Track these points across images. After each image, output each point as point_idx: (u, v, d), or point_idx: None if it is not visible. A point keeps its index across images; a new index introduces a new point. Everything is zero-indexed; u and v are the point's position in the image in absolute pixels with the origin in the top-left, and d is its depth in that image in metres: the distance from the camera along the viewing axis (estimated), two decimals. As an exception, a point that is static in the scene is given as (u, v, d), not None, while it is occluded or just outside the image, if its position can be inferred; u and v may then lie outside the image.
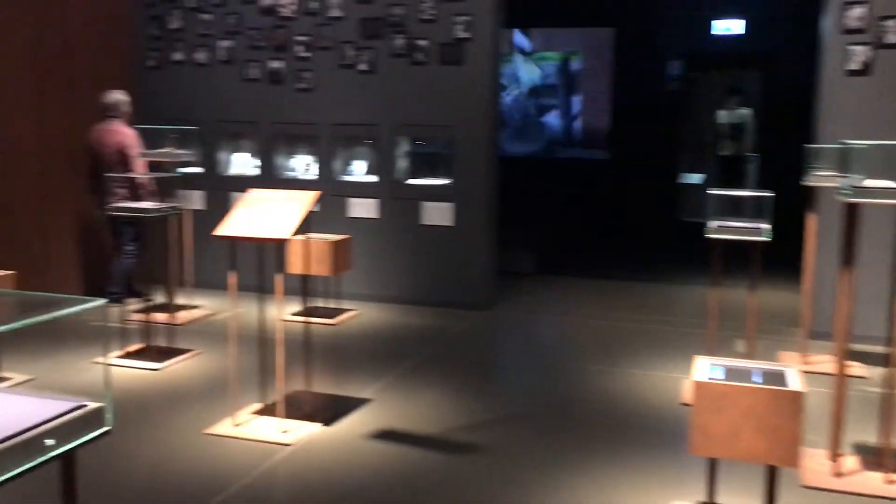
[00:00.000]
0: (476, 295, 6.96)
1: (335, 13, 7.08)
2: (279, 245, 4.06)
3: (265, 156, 7.50)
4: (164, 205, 5.53)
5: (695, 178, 11.44)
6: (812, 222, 5.51)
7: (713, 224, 4.72)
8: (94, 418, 1.61)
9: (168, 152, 6.28)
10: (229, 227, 4.04)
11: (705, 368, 2.99)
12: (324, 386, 4.94)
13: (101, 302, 1.71)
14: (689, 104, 11.77)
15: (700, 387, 2.83)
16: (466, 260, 6.95)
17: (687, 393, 4.66)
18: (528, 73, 12.55)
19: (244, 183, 7.43)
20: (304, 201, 4.12)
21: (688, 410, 3.28)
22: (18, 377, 4.94)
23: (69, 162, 6.87)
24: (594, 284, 8.21)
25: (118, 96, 6.59)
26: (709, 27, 11.27)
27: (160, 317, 6.02)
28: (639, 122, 11.39)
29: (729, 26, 11.12)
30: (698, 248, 5.84)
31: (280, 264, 4.06)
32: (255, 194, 4.27)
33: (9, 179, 6.44)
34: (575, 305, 7.38)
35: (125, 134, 6.50)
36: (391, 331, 6.40)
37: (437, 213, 6.99)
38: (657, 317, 6.87)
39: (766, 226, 4.68)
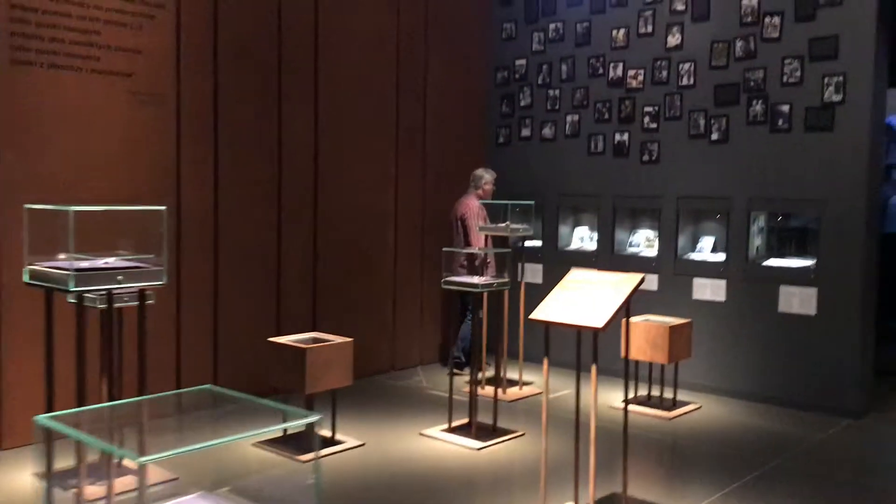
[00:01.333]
0: (844, 398, 5.89)
1: (685, 81, 6.64)
2: (595, 332, 3.70)
3: (605, 230, 7.22)
4: (492, 279, 5.50)
5: None
6: None
7: None
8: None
9: (505, 227, 6.29)
10: (544, 310, 3.79)
11: None
12: (647, 490, 4.41)
13: (314, 418, 1.52)
14: None
15: None
16: (832, 356, 5.92)
17: None
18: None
19: (582, 257, 7.25)
20: (626, 286, 3.72)
21: None
22: (351, 441, 5.14)
23: (420, 230, 7.25)
24: None
25: (477, 171, 6.89)
26: None
27: (489, 391, 5.98)
28: None
29: None
30: None
31: (595, 353, 3.69)
32: (575, 275, 3.98)
33: (373, 246, 6.94)
34: (980, 423, 5.88)
35: (467, 206, 6.72)
36: (735, 432, 5.63)
37: (798, 300, 6.08)
38: None
39: None
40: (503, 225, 6.38)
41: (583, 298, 3.76)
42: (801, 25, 6.04)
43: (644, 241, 7.15)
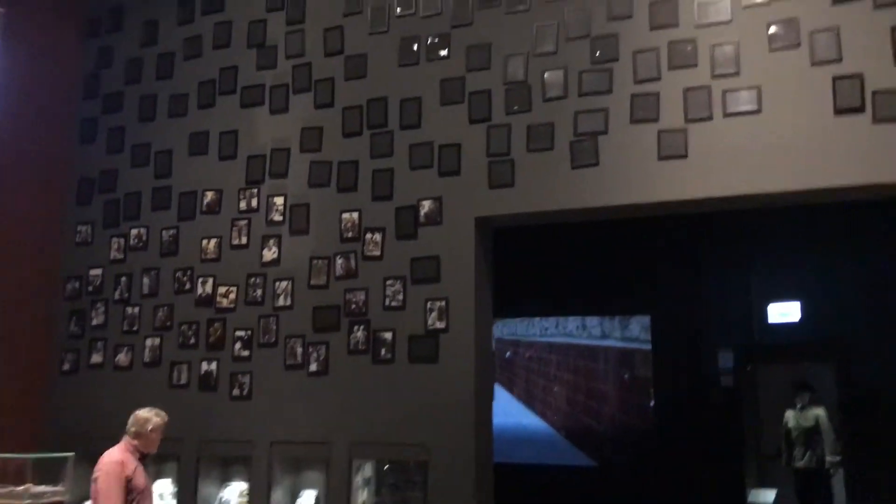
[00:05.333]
0: None
1: (282, 302, 5.66)
2: None
3: (187, 484, 5.70)
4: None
5: (766, 496, 9.15)
6: None
7: None
8: None
9: (23, 491, 4.54)
10: None
11: None
12: None
13: None
14: (748, 402, 9.84)
15: None
16: None
17: None
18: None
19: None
20: None
21: None
22: None
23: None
24: None
25: (140, 412, 4.92)
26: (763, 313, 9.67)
27: None
28: (686, 423, 9.45)
29: (785, 311, 9.48)
30: None
31: None
32: None
33: None
34: None
35: (104, 463, 4.76)
36: None
37: (407, 570, 4.96)
38: None
39: None
40: (21, 489, 4.61)
41: None
42: (403, 244, 5.42)
43: (237, 497, 5.73)
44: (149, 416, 5.01)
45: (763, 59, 4.83)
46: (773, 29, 4.82)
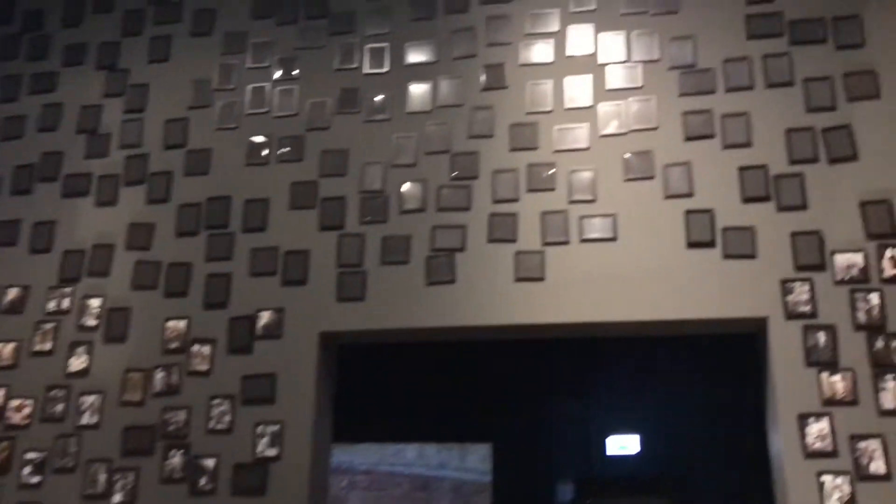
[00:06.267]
0: None
1: (87, 420, 4.88)
2: None
3: None
4: None
5: None
6: None
7: None
8: None
9: None
10: None
11: None
12: None
13: None
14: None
15: None
16: None
17: None
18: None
19: None
20: None
21: None
22: None
23: None
24: None
25: None
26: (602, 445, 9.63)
27: None
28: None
29: (624, 444, 9.49)
30: None
31: None
32: None
33: None
34: None
35: None
36: None
37: None
38: None
39: None
40: None
41: None
42: (236, 359, 4.87)
43: None
44: None
45: (619, 188, 4.84)
46: (628, 160, 4.87)
